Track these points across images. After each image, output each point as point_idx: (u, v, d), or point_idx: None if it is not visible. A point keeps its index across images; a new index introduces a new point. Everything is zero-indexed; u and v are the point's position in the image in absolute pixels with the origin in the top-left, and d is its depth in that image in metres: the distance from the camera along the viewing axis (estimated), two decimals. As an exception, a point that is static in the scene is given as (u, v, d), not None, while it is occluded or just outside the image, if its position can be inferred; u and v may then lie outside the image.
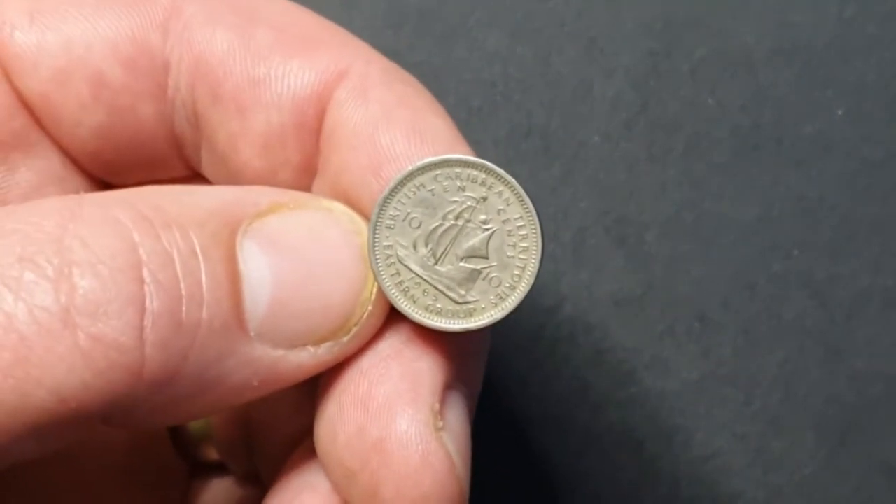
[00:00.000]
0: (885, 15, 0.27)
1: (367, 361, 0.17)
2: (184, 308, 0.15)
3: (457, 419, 0.17)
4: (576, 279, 0.27)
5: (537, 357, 0.27)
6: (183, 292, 0.15)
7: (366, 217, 0.17)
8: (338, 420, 0.17)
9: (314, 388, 0.18)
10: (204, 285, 0.15)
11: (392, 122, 0.17)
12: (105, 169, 0.19)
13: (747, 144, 0.27)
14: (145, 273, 0.15)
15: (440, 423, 0.17)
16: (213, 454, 0.22)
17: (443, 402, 0.17)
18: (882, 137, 0.27)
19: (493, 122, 0.27)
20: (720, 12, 0.27)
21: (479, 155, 0.17)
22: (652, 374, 0.27)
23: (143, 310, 0.15)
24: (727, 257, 0.27)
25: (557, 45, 0.27)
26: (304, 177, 0.18)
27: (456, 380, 0.17)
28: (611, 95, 0.27)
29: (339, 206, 0.17)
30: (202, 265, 0.15)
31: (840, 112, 0.27)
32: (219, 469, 0.23)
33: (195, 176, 0.20)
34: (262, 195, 0.17)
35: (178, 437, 0.22)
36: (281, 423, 0.21)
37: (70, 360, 0.14)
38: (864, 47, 0.27)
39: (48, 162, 0.19)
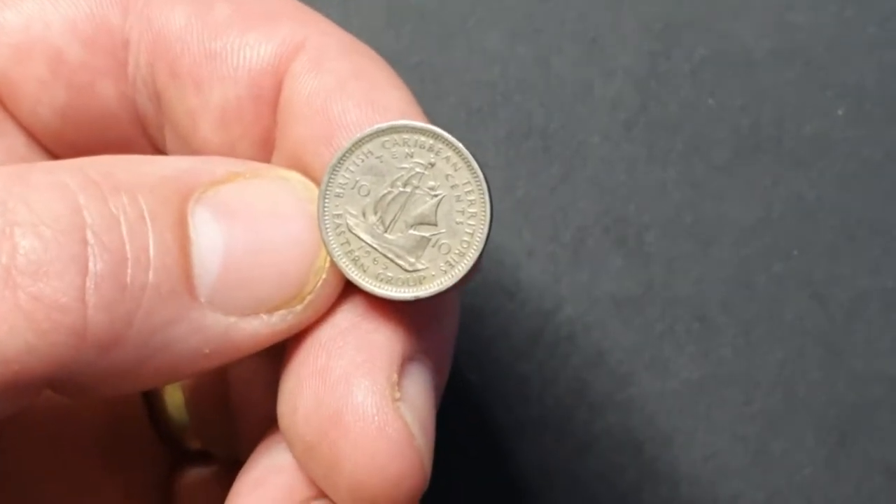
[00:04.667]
0: (885, 15, 0.27)
1: (325, 334, 0.17)
2: (129, 271, 0.15)
3: (417, 391, 0.17)
4: (575, 279, 0.27)
5: (536, 358, 0.27)
6: (128, 255, 0.15)
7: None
8: (297, 394, 0.17)
9: None
10: (151, 249, 0.15)
11: (345, 92, 0.17)
12: (69, 149, 0.19)
13: (747, 145, 0.27)
14: (89, 235, 0.15)
15: (398, 394, 0.16)
16: (196, 442, 0.22)
17: (402, 373, 0.17)
18: (882, 138, 0.27)
19: (492, 123, 0.27)
20: (720, 13, 0.27)
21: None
22: (651, 375, 0.27)
23: (85, 271, 0.15)
24: (727, 258, 0.27)
25: (557, 45, 0.27)
26: (263, 150, 0.18)
27: (417, 351, 0.17)
28: (611, 96, 0.27)
29: (294, 175, 0.17)
30: (150, 230, 0.15)
31: (840, 112, 0.27)
32: (203, 456, 0.23)
33: (161, 155, 0.20)
34: (217, 165, 0.17)
35: (160, 425, 0.22)
36: (258, 406, 0.21)
37: (11, 321, 0.14)
38: (864, 48, 0.27)
39: (11, 141, 0.19)
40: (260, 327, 0.17)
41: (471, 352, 0.27)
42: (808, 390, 0.26)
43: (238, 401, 0.21)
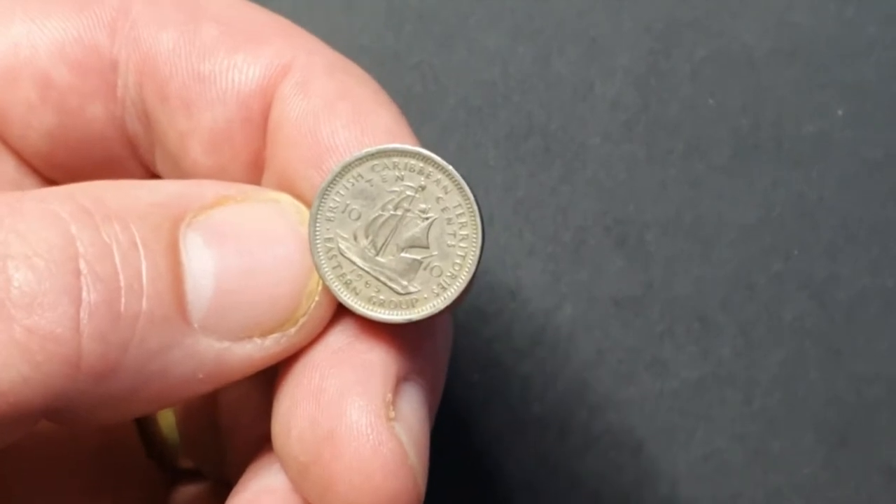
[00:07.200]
0: (885, 15, 0.27)
1: (318, 355, 0.17)
2: (123, 299, 0.15)
3: (411, 410, 0.17)
4: (575, 279, 0.27)
5: (537, 357, 0.27)
6: (122, 284, 0.15)
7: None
8: (291, 415, 0.17)
9: None
10: (144, 277, 0.15)
11: (333, 113, 0.17)
12: (60, 172, 0.19)
13: (747, 145, 0.27)
14: (82, 265, 0.15)
15: (392, 414, 0.16)
16: (187, 462, 0.22)
17: (396, 392, 0.17)
18: (882, 138, 0.27)
19: (493, 123, 0.27)
20: (720, 13, 0.27)
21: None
22: (652, 375, 0.27)
23: (79, 301, 0.15)
24: (727, 258, 0.27)
25: (558, 45, 0.27)
26: (254, 172, 0.18)
27: (410, 372, 0.17)
28: (611, 96, 0.27)
29: (285, 198, 0.17)
30: (142, 257, 0.15)
31: (840, 112, 0.27)
32: (194, 476, 0.23)
33: (153, 177, 0.20)
34: (207, 188, 0.17)
35: (152, 445, 0.22)
36: (248, 428, 0.21)
37: (6, 354, 0.14)
38: (864, 48, 0.27)
39: (1, 165, 0.19)
40: (253, 351, 0.17)
41: (472, 351, 0.27)
42: (808, 390, 0.27)
43: (228, 422, 0.21)
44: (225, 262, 0.16)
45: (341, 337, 0.17)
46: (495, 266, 0.27)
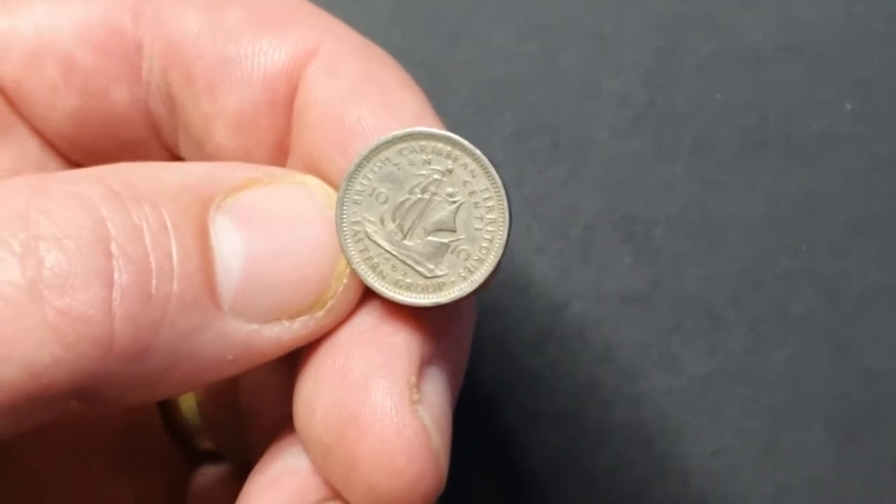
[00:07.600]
0: (892, 10, 0.27)
1: (343, 336, 0.17)
2: (154, 281, 0.15)
3: (435, 394, 0.17)
4: (584, 276, 0.27)
5: (547, 354, 0.27)
6: (152, 266, 0.15)
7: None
8: (315, 395, 0.17)
9: None
10: (174, 259, 0.15)
11: (359, 97, 0.17)
12: (83, 153, 0.19)
13: (755, 141, 0.27)
14: (113, 247, 0.15)
15: (416, 396, 0.16)
16: (208, 443, 0.22)
17: (420, 376, 0.17)
18: (890, 134, 0.27)
19: (499, 120, 0.27)
20: (727, 8, 0.27)
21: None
22: (660, 371, 0.27)
23: (111, 283, 0.15)
24: (735, 254, 0.27)
25: (564, 42, 0.27)
26: (279, 155, 0.18)
27: (435, 355, 0.17)
28: (618, 92, 0.27)
29: (313, 180, 0.17)
30: (172, 239, 0.16)
31: (848, 108, 0.27)
32: (215, 457, 0.23)
33: (176, 160, 0.20)
34: (235, 171, 0.17)
35: (174, 427, 0.22)
36: (269, 410, 0.21)
37: (39, 335, 0.14)
38: (871, 43, 0.27)
39: (25, 146, 0.19)
40: (282, 333, 0.17)
41: (482, 348, 0.27)
42: (816, 385, 0.27)
43: (249, 404, 0.21)
44: (254, 244, 0.16)
45: (367, 319, 0.17)
46: (504, 263, 0.27)
